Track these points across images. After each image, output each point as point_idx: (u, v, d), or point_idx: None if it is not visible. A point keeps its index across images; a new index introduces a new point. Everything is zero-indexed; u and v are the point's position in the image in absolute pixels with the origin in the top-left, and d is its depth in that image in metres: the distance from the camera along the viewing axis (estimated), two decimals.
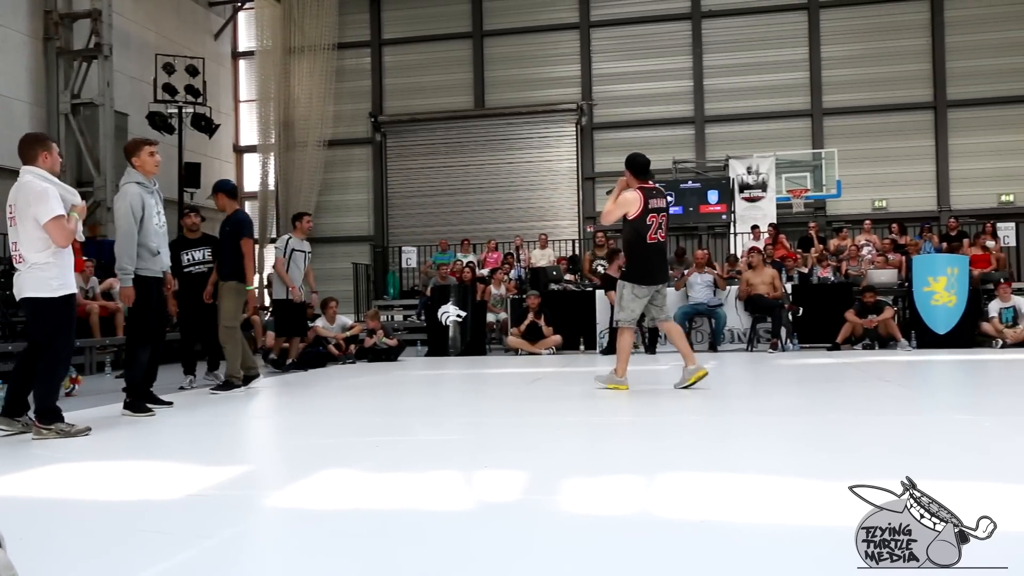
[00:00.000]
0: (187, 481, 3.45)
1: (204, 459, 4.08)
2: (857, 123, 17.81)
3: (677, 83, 18.50)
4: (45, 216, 4.57)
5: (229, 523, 2.82)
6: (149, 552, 2.43)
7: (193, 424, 5.46)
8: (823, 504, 2.82)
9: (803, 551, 2.31)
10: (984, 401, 6.04)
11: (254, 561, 2.51)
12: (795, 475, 3.31)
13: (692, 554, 2.29)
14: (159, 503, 3.09)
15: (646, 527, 2.60)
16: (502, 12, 19.35)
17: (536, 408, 5.96)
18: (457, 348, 12.43)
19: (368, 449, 4.18)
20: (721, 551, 2.32)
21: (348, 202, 19.88)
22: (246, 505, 3.12)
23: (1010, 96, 17.15)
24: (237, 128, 20.95)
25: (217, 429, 5.32)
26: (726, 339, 12.05)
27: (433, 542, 2.48)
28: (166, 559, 2.33)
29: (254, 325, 13.71)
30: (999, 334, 11.26)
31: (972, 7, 17.43)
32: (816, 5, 17.96)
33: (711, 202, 17.07)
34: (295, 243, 9.60)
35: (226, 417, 5.83)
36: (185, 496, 3.16)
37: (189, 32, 18.73)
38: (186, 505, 3.04)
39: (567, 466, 3.67)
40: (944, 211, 17.10)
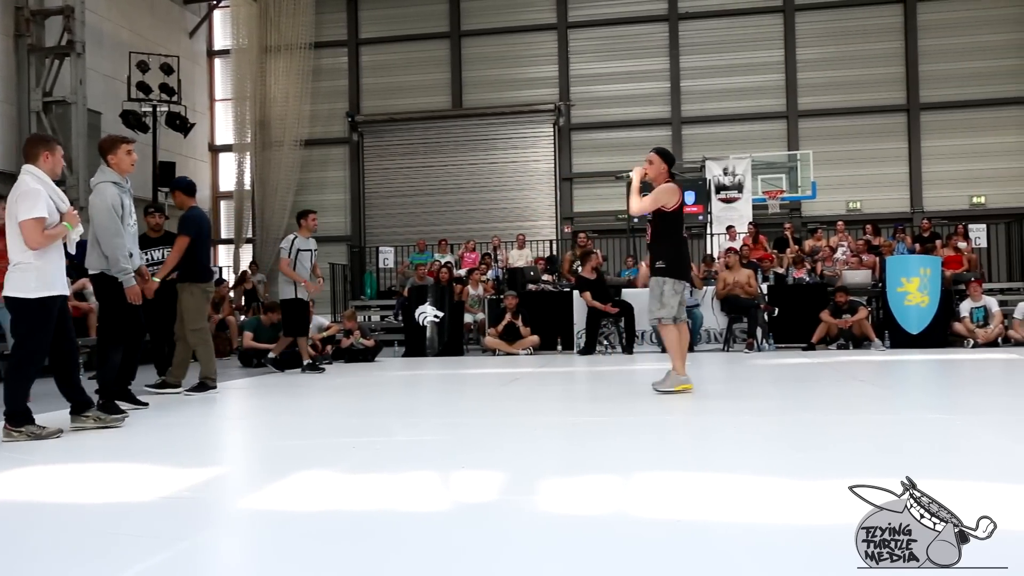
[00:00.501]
0: (161, 483, 3.41)
1: (178, 461, 4.04)
2: (832, 125, 17.97)
3: (654, 84, 18.58)
4: (24, 215, 4.59)
5: (203, 526, 2.79)
6: (122, 555, 2.40)
7: (167, 426, 5.40)
8: (799, 503, 2.84)
9: (779, 550, 2.33)
10: (956, 400, 6.11)
11: (229, 564, 2.49)
12: (771, 474, 3.33)
13: (668, 554, 2.30)
14: (132, 506, 3.06)
15: (623, 527, 2.60)
16: (480, 12, 19.34)
17: (514, 408, 5.96)
18: (434, 349, 12.41)
19: (345, 450, 4.16)
20: (697, 550, 2.33)
21: (325, 202, 19.75)
22: (221, 507, 3.09)
23: (981, 99, 17.38)
24: (212, 127, 20.78)
25: (192, 431, 5.27)
26: (702, 339, 12.13)
27: (410, 543, 2.47)
28: (139, 562, 2.31)
29: (229, 326, 13.62)
30: (971, 334, 11.41)
31: (944, 11, 17.65)
32: (791, 8, 18.11)
33: (688, 203, 17.09)
34: (300, 243, 9.42)
35: (201, 419, 5.78)
36: (159, 499, 3.13)
37: (164, 30, 18.54)
38: (160, 508, 3.01)
39: (544, 466, 3.67)
40: (917, 212, 17.30)
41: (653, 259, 6.23)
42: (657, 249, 6.22)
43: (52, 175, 4.83)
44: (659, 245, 6.21)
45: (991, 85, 17.39)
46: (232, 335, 13.41)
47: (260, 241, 19.14)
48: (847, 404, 5.78)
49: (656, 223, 6.20)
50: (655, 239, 6.26)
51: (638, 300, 11.84)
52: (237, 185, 19.45)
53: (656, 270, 6.14)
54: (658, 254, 6.18)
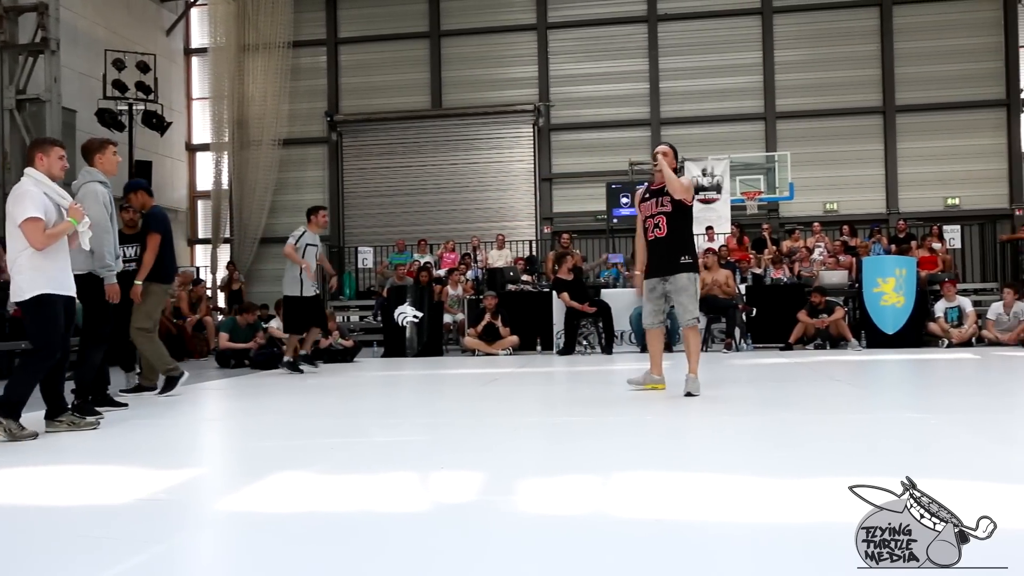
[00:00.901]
0: (137, 485, 3.38)
1: (155, 463, 4.00)
2: (809, 127, 18.11)
3: (633, 85, 18.64)
4: (20, 216, 4.67)
5: (180, 528, 2.77)
6: (97, 558, 2.37)
7: (143, 427, 5.35)
8: (777, 502, 2.86)
9: (759, 548, 2.34)
10: (930, 400, 6.17)
11: (205, 566, 2.47)
12: (750, 473, 3.35)
13: (647, 553, 2.30)
14: (107, 508, 3.02)
15: (603, 527, 2.60)
16: (459, 12, 19.32)
17: (493, 409, 5.95)
18: (414, 349, 12.38)
19: (323, 451, 4.14)
20: (677, 550, 2.33)
21: (303, 202, 19.54)
22: (197, 509, 3.07)
23: (955, 102, 17.59)
24: (190, 126, 20.61)
25: (168, 432, 5.22)
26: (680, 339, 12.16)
27: (390, 544, 2.45)
28: (114, 565, 2.28)
29: (206, 326, 13.52)
30: (945, 334, 11.54)
31: (919, 15, 17.85)
32: (770, 10, 18.24)
33: None
34: (309, 237, 9.34)
35: (177, 420, 5.72)
36: (134, 501, 3.10)
37: (140, 28, 18.38)
38: (136, 510, 2.98)
39: (524, 466, 3.67)
40: (893, 213, 17.47)
41: (675, 254, 5.94)
42: (679, 244, 5.97)
43: (50, 175, 4.89)
44: (681, 240, 5.99)
45: (965, 88, 17.60)
46: (209, 336, 13.31)
47: (238, 241, 19.01)
48: (824, 403, 5.83)
49: (676, 217, 5.98)
50: (674, 234, 5.98)
51: (617, 301, 11.89)
52: (215, 185, 19.32)
53: (683, 266, 5.93)
54: (682, 249, 5.97)
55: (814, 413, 5.28)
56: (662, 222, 5.99)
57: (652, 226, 6.04)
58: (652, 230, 6.04)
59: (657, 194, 6.08)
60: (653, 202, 6.08)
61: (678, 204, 5.95)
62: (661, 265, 6.01)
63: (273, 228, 19.25)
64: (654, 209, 6.05)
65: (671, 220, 5.97)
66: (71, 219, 4.83)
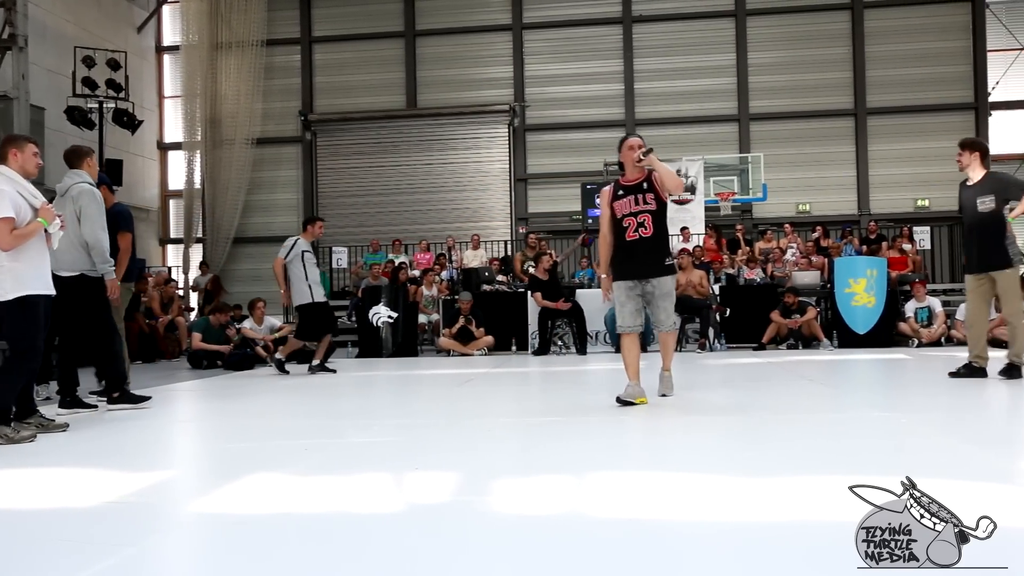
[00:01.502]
0: (109, 488, 3.33)
1: (126, 465, 3.95)
2: (782, 128, 18.28)
3: (608, 86, 18.71)
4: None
5: (152, 530, 2.73)
6: (67, 561, 2.34)
7: (114, 429, 5.28)
8: (749, 500, 2.88)
9: (732, 547, 2.35)
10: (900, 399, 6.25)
11: (177, 569, 2.44)
12: (723, 473, 3.37)
13: (622, 553, 2.31)
14: (77, 511, 2.98)
15: (578, 526, 2.61)
16: (435, 12, 19.28)
17: (468, 409, 5.95)
18: (388, 349, 12.34)
19: (297, 453, 4.11)
20: (652, 549, 2.34)
21: (277, 201, 19.55)
22: (170, 512, 3.03)
23: (925, 105, 17.83)
24: (161, 124, 20.40)
25: (139, 434, 5.16)
26: (655, 339, 12.22)
27: (365, 545, 2.44)
28: (84, 569, 2.25)
29: (179, 327, 13.38)
30: (915, 334, 11.69)
31: (890, 19, 18.08)
32: (743, 12, 18.38)
33: None
34: (304, 244, 9.27)
35: (149, 422, 5.66)
36: (106, 503, 3.06)
37: (110, 25, 18.16)
38: (106, 512, 2.94)
39: (499, 466, 3.67)
40: (864, 215, 17.68)
41: (660, 255, 5.54)
42: (663, 244, 5.59)
43: (23, 173, 4.84)
44: (664, 240, 5.61)
45: (935, 91, 17.85)
46: (182, 336, 13.18)
47: (211, 241, 18.85)
48: (796, 403, 5.88)
49: (660, 215, 5.56)
50: (660, 233, 5.57)
51: (591, 302, 11.89)
52: (187, 184, 19.13)
53: (669, 267, 5.58)
54: (666, 250, 5.61)
55: (786, 413, 5.32)
56: (648, 221, 5.50)
57: (635, 225, 5.52)
58: (635, 229, 5.52)
59: (635, 191, 5.55)
60: (631, 199, 5.54)
61: (661, 201, 5.53)
62: (644, 266, 5.55)
63: (246, 228, 19.13)
64: (635, 207, 5.52)
65: (656, 219, 5.52)
66: (42, 219, 4.75)
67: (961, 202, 6.82)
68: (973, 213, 6.68)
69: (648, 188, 5.52)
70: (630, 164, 5.56)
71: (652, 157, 5.38)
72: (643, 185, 5.54)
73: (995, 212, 6.59)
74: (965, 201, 6.76)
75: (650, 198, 5.52)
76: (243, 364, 10.45)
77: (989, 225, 6.62)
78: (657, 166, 5.43)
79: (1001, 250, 6.59)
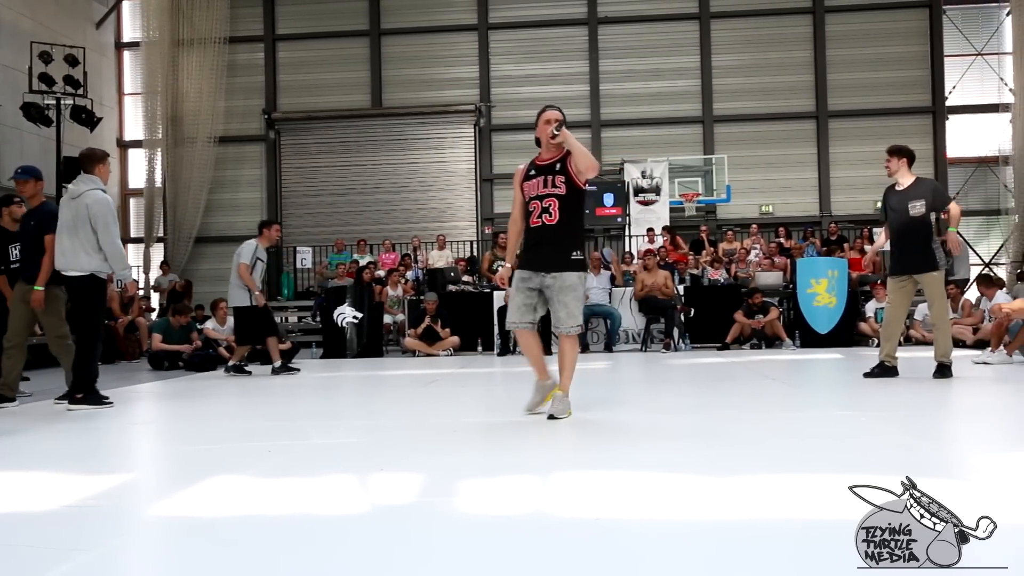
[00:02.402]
0: (63, 492, 3.26)
1: (85, 468, 3.87)
2: (746, 130, 18.47)
3: (574, 87, 18.77)
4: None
5: (108, 535, 2.68)
6: (19, 568, 2.28)
7: (69, 431, 5.18)
8: (715, 499, 2.90)
9: (695, 546, 2.37)
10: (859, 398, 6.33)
11: (136, 574, 2.39)
12: (687, 471, 3.39)
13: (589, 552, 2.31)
14: (31, 515, 2.91)
15: (543, 526, 2.60)
16: (400, 11, 19.20)
17: (433, 410, 5.92)
18: (353, 350, 12.25)
19: (259, 454, 4.06)
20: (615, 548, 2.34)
21: (240, 200, 19.33)
22: (127, 515, 2.97)
23: (884, 108, 18.13)
24: (121, 122, 20.07)
25: (98, 436, 5.06)
26: (621, 339, 12.31)
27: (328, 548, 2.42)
28: (38, 575, 2.20)
29: (139, 327, 13.17)
30: (875, 334, 11.86)
31: (850, 23, 18.35)
32: (707, 15, 18.54)
33: (607, 205, 17.42)
34: (260, 252, 9.10)
35: (108, 423, 5.55)
36: (60, 507, 2.99)
37: (68, 20, 17.81)
38: (61, 517, 2.88)
39: (465, 467, 3.65)
40: (826, 216, 17.92)
41: (565, 246, 4.87)
42: (570, 236, 4.91)
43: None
44: (572, 230, 4.92)
45: (894, 95, 18.16)
46: (142, 337, 12.97)
47: (172, 240, 18.59)
48: (759, 402, 5.94)
49: (570, 201, 4.88)
50: (567, 222, 4.87)
51: None
52: (148, 182, 18.85)
53: (575, 262, 4.89)
54: (574, 242, 4.93)
55: (749, 412, 5.37)
56: (553, 206, 4.82)
57: (539, 210, 4.87)
58: (539, 215, 4.87)
59: (547, 171, 4.90)
60: (540, 180, 4.89)
61: (573, 186, 4.86)
62: (545, 257, 4.88)
63: (208, 227, 18.90)
64: (542, 189, 4.87)
65: (564, 205, 4.84)
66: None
67: (890, 206, 7.06)
68: (904, 217, 6.89)
69: (560, 170, 4.86)
70: (545, 140, 4.95)
71: (566, 132, 4.78)
72: (555, 166, 4.88)
73: (924, 217, 6.81)
74: (896, 205, 6.99)
75: (560, 181, 4.84)
76: (204, 365, 10.32)
77: (919, 229, 6.85)
78: (571, 143, 4.79)
79: (929, 254, 6.82)
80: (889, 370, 7.06)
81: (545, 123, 4.93)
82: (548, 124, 4.89)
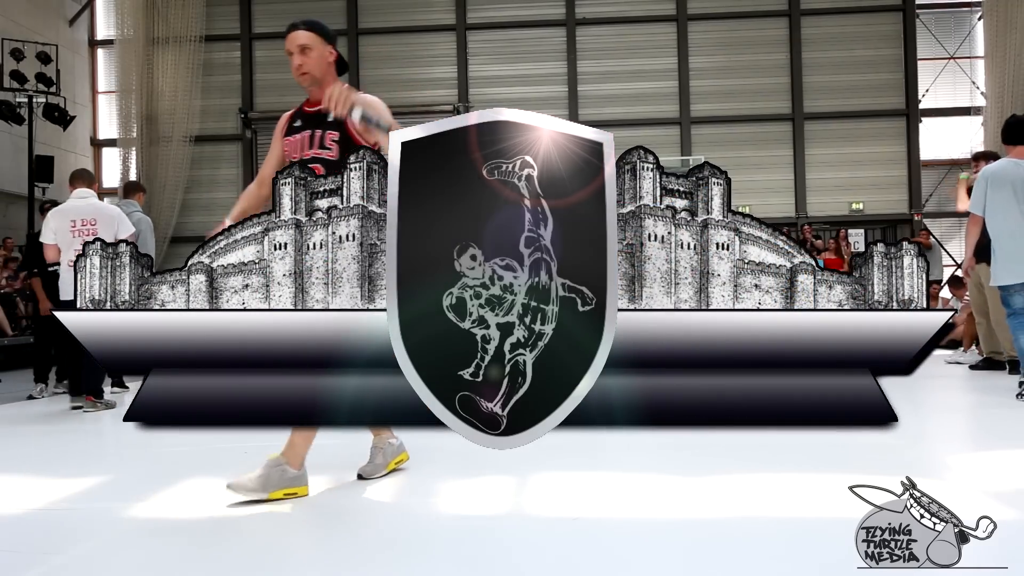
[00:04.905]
0: (35, 495, 3.22)
1: (56, 471, 3.83)
2: (722, 132, 18.57)
3: (552, 88, 18.78)
4: None
5: (81, 538, 2.65)
6: None
7: (41, 433, 5.12)
8: (685, 498, 2.91)
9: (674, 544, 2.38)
10: None
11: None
12: (659, 472, 3.40)
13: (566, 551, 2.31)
14: (3, 519, 2.87)
15: (521, 527, 2.61)
16: (377, 11, 19.14)
17: None
18: None
19: (236, 456, 4.02)
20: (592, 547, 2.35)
21: (216, 200, 19.14)
22: (101, 518, 2.94)
23: (859, 111, 18.29)
24: (95, 120, 19.84)
25: (70, 438, 5.00)
26: None
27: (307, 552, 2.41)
28: None
29: None
30: None
31: (825, 26, 18.50)
32: (684, 17, 18.64)
33: None
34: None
35: (80, 424, 5.49)
36: (33, 510, 2.96)
37: (40, 16, 17.59)
38: (34, 520, 2.84)
39: (442, 468, 3.64)
40: (801, 217, 18.06)
41: None
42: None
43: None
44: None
45: (868, 97, 18.32)
46: None
47: None
48: None
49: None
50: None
51: None
52: (122, 182, 18.63)
53: None
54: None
55: None
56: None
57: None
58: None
59: (316, 123, 3.37)
60: (307, 136, 3.37)
61: (348, 142, 3.32)
62: None
63: (184, 227, 18.72)
64: (307, 149, 3.35)
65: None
66: None
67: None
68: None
69: (335, 119, 3.32)
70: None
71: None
72: (327, 116, 3.32)
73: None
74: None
75: (332, 137, 3.39)
76: None
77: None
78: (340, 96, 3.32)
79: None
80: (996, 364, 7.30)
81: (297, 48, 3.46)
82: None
